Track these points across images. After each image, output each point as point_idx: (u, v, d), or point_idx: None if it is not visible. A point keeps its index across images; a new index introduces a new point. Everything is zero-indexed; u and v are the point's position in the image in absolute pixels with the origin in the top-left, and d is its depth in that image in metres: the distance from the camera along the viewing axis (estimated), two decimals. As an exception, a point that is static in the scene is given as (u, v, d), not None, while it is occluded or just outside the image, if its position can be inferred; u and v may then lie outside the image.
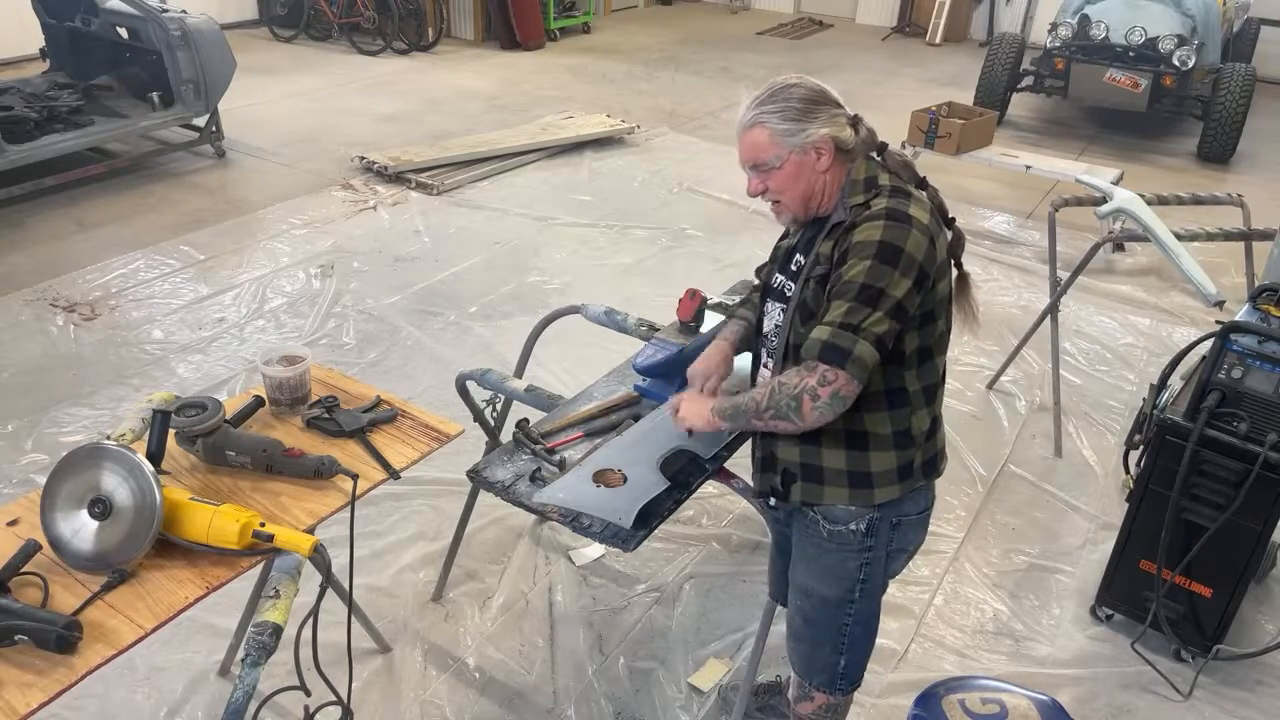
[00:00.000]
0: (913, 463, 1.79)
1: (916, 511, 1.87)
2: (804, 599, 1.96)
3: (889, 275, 1.58)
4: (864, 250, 1.60)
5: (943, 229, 1.70)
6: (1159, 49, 6.72)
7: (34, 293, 4.44)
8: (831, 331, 1.59)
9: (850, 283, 1.60)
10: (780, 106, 1.69)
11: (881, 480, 1.77)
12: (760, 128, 1.70)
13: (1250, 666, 2.70)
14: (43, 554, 1.62)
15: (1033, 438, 3.74)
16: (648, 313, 2.79)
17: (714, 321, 2.35)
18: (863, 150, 1.73)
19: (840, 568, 1.87)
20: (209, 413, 1.84)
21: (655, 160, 6.54)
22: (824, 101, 1.71)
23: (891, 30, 11.05)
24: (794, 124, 1.68)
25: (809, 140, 1.68)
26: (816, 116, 1.69)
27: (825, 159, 1.69)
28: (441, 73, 8.53)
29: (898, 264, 1.59)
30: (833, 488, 1.79)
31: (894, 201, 1.65)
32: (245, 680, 1.54)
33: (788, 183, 1.71)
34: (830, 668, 1.99)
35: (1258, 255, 4.10)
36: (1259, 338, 2.42)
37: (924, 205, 1.68)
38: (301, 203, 5.58)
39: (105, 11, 5.97)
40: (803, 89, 1.71)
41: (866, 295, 1.58)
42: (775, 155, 1.70)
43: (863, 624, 1.95)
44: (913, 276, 1.60)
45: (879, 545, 1.84)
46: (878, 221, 1.62)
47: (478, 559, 2.99)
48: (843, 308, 1.59)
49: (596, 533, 1.85)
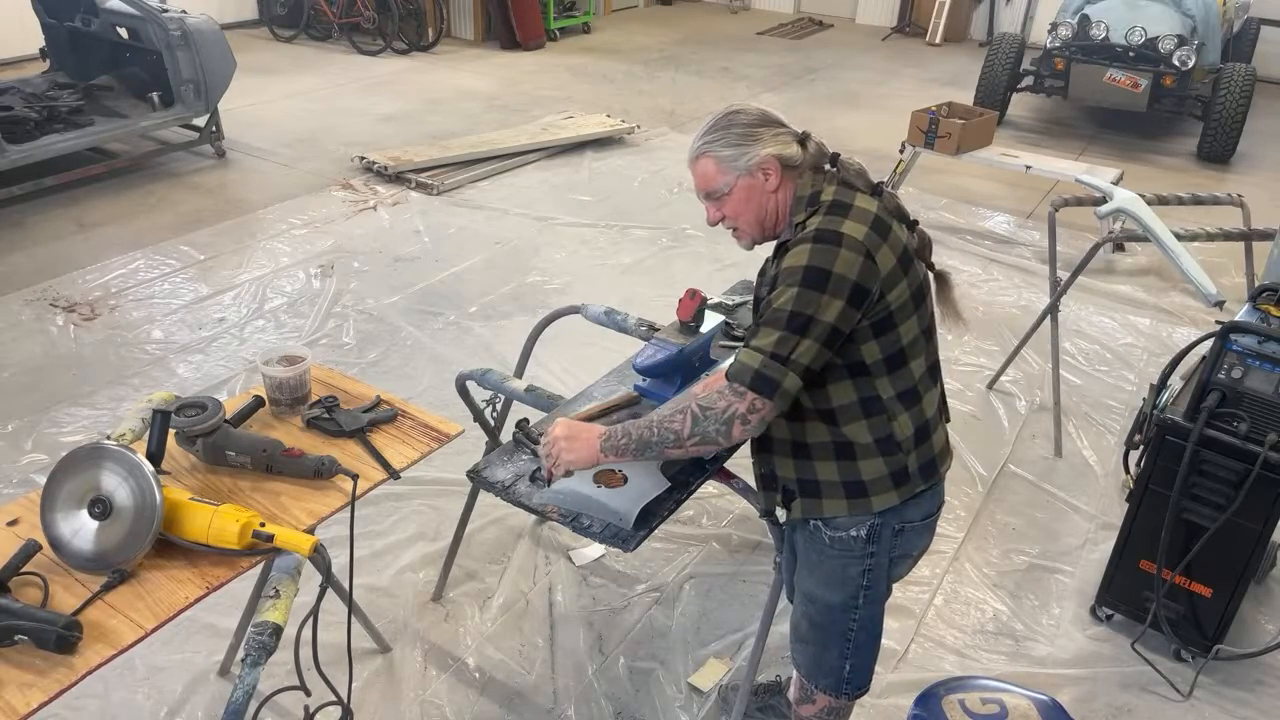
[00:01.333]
0: (906, 468, 1.78)
1: (920, 517, 1.86)
2: (809, 604, 1.97)
3: (816, 301, 1.59)
4: (791, 276, 1.61)
5: (887, 239, 1.66)
6: (1159, 49, 6.72)
7: (34, 293, 4.44)
8: (763, 361, 1.61)
9: (779, 310, 1.61)
10: (722, 134, 1.73)
11: (876, 488, 1.78)
12: (706, 158, 1.75)
13: (1250, 666, 2.70)
14: (43, 554, 1.62)
15: (1033, 438, 3.74)
16: (648, 313, 2.79)
17: (714, 321, 2.35)
18: (810, 165, 1.74)
19: (843, 574, 1.88)
20: (209, 413, 1.84)
21: (655, 160, 6.54)
22: (766, 123, 1.74)
23: (891, 30, 11.05)
24: (737, 149, 1.72)
25: (753, 162, 1.71)
26: (759, 138, 1.72)
27: (773, 178, 1.73)
28: (441, 73, 8.54)
29: (825, 287, 1.59)
30: (830, 500, 1.80)
31: (827, 220, 1.65)
32: (245, 680, 1.54)
33: (740, 207, 1.76)
34: (836, 671, 2.00)
35: (1258, 255, 4.11)
36: (1259, 338, 2.42)
37: (864, 217, 1.65)
38: (301, 203, 5.58)
39: (105, 11, 5.97)
40: (744, 115, 1.74)
41: (796, 323, 1.59)
42: (724, 182, 1.74)
43: (867, 629, 1.95)
44: (844, 296, 1.59)
45: (881, 551, 1.85)
46: (805, 245, 1.63)
47: (478, 559, 3.00)
48: (773, 336, 1.61)
49: (596, 533, 1.85)
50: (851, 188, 1.72)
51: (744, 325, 2.62)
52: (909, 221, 1.76)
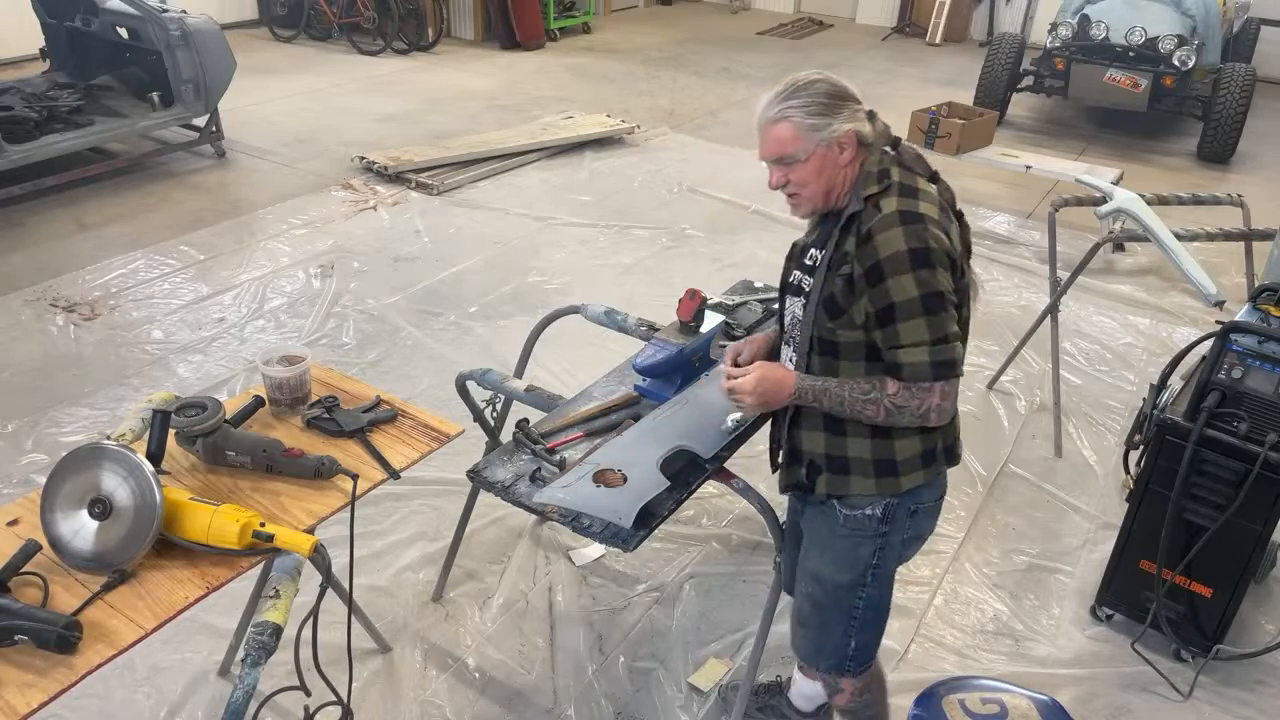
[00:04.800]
0: (935, 448, 1.83)
1: (933, 499, 1.90)
2: (814, 585, 1.98)
3: (932, 276, 1.64)
4: (899, 264, 1.64)
5: (952, 221, 1.75)
6: (1159, 49, 6.72)
7: (34, 293, 4.44)
8: (930, 351, 1.66)
9: (909, 301, 1.64)
10: (805, 101, 1.71)
11: (906, 467, 1.81)
12: (785, 122, 1.72)
13: (1250, 666, 2.70)
14: (43, 554, 1.62)
15: (1033, 438, 3.74)
16: (648, 313, 2.79)
17: (714, 321, 2.35)
18: (879, 144, 1.76)
19: (853, 554, 1.90)
20: (209, 413, 1.84)
21: (655, 160, 6.54)
22: (846, 97, 1.74)
23: (891, 30, 11.05)
24: (820, 119, 1.70)
25: (834, 135, 1.71)
26: (840, 111, 1.72)
27: (848, 153, 1.73)
28: (441, 73, 8.53)
29: (931, 262, 1.64)
30: (859, 477, 1.82)
31: (904, 201, 1.68)
32: (245, 680, 1.54)
33: (811, 176, 1.74)
34: (839, 650, 2.01)
35: (1258, 255, 4.10)
36: (1259, 338, 2.42)
37: (932, 200, 1.72)
38: (301, 203, 5.58)
39: (105, 11, 5.97)
40: (825, 84, 1.73)
41: (930, 304, 1.64)
42: (800, 149, 1.72)
43: (873, 607, 1.97)
44: (947, 265, 1.67)
45: (894, 531, 1.87)
46: (894, 230, 1.65)
47: (478, 559, 2.99)
48: (921, 324, 1.65)
49: (596, 533, 1.85)
50: (912, 171, 1.76)
51: (744, 325, 2.63)
52: (957, 213, 1.80)
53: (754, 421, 2.17)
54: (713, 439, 2.07)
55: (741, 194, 5.94)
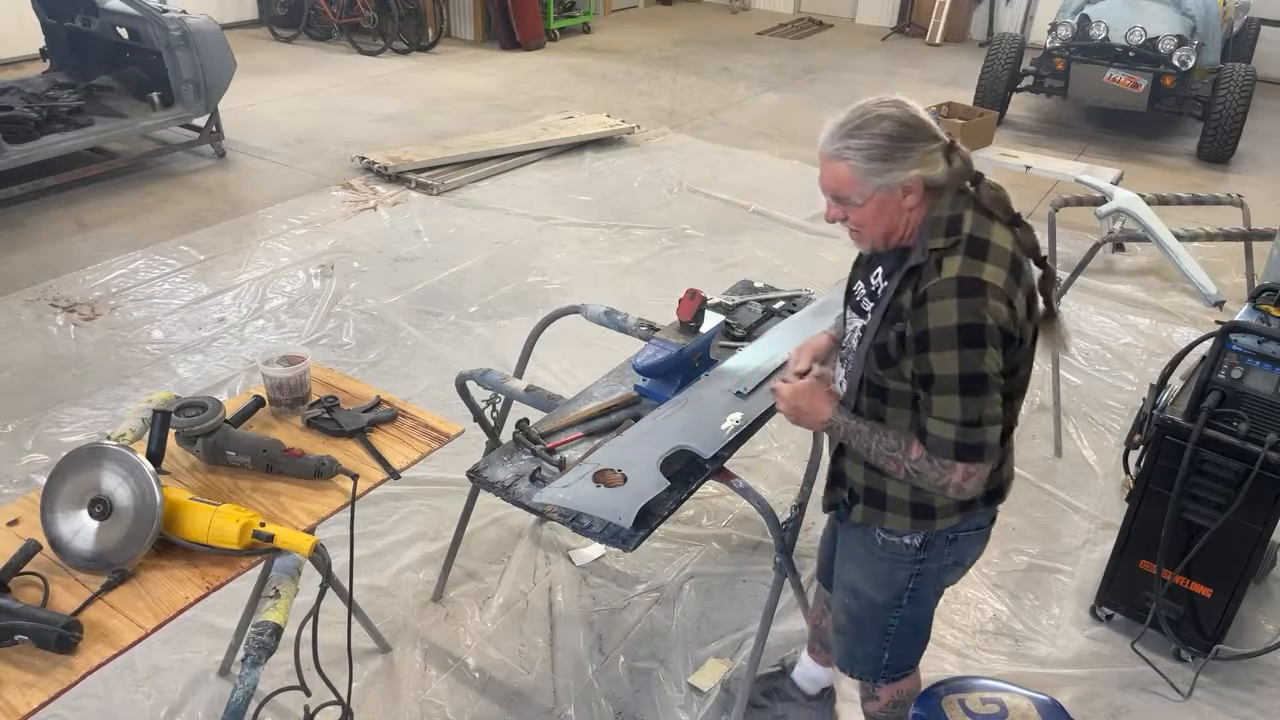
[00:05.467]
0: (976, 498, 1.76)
1: (975, 527, 1.84)
2: (851, 597, 1.97)
3: (979, 357, 1.53)
4: (946, 339, 1.53)
5: (1020, 283, 1.59)
6: (1159, 49, 6.72)
7: (34, 293, 4.44)
8: (958, 431, 1.57)
9: (948, 377, 1.55)
10: (868, 143, 1.56)
11: (944, 513, 1.77)
12: (843, 163, 1.58)
13: (1250, 666, 2.70)
14: (43, 554, 1.62)
15: (1033, 438, 3.74)
16: (648, 313, 2.79)
17: (714, 321, 2.36)
18: (953, 185, 1.61)
19: (890, 576, 1.87)
20: (209, 413, 1.84)
21: (655, 160, 6.54)
22: (918, 137, 1.57)
23: (891, 30, 11.05)
24: (880, 163, 1.56)
25: (896, 181, 1.56)
26: (907, 156, 1.56)
27: (912, 198, 1.59)
28: (441, 73, 8.53)
29: (983, 342, 1.53)
30: (894, 514, 1.79)
31: (968, 264, 1.54)
32: (245, 680, 1.54)
33: (868, 219, 1.62)
34: (873, 661, 2.01)
35: (1258, 255, 4.11)
36: (1259, 338, 2.42)
37: (1002, 258, 1.56)
38: (301, 203, 5.58)
39: (105, 11, 5.96)
40: (893, 122, 1.56)
41: (971, 385, 1.55)
42: (858, 193, 1.59)
43: (909, 625, 1.95)
44: (999, 343, 1.55)
45: (932, 559, 1.84)
46: (950, 301, 1.52)
47: (478, 559, 2.99)
48: (955, 404, 1.56)
49: (596, 533, 1.85)
50: (989, 214, 1.61)
51: (744, 325, 2.63)
52: (1040, 258, 1.66)
53: (754, 422, 2.17)
54: (713, 439, 2.07)
55: (741, 194, 5.94)
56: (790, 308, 2.73)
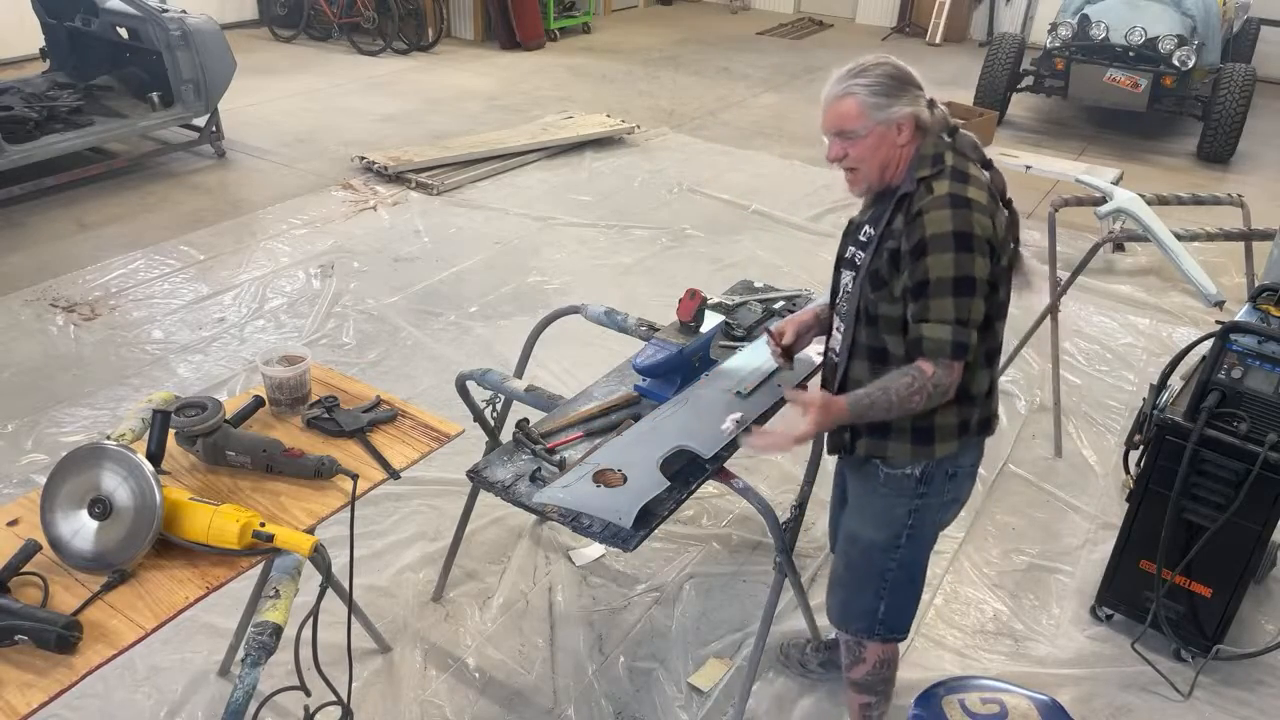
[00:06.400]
0: (972, 419, 1.90)
1: (970, 464, 1.98)
2: (850, 544, 2.05)
3: (970, 261, 1.72)
4: (942, 244, 1.71)
5: (1000, 208, 1.81)
6: (1159, 49, 6.72)
7: (34, 293, 4.44)
8: (953, 330, 1.74)
9: (944, 280, 1.72)
10: (871, 81, 1.78)
11: (943, 435, 1.88)
12: (851, 98, 1.79)
13: (1250, 666, 2.70)
14: (43, 554, 1.62)
15: (1033, 438, 3.74)
16: (648, 313, 2.79)
17: (714, 321, 2.36)
18: (936, 130, 1.83)
19: (889, 513, 1.96)
20: (209, 413, 1.84)
21: (655, 160, 6.54)
22: (909, 82, 1.81)
23: (891, 30, 11.05)
24: (883, 99, 1.77)
25: (894, 116, 1.78)
26: (903, 95, 1.79)
27: (905, 134, 1.80)
28: (441, 73, 8.53)
29: (973, 247, 1.72)
30: (896, 442, 1.90)
31: (954, 185, 1.75)
32: (245, 680, 1.54)
33: (868, 152, 1.81)
34: (869, 614, 2.06)
35: (1258, 255, 4.10)
36: (1259, 338, 2.42)
37: (981, 185, 1.78)
38: (301, 203, 5.58)
39: (105, 11, 5.97)
40: (891, 67, 1.80)
41: (963, 286, 1.72)
42: (862, 125, 1.79)
43: (906, 570, 2.02)
44: (986, 253, 1.74)
45: (932, 493, 1.94)
46: (943, 211, 1.72)
47: (478, 559, 2.99)
48: (949, 305, 1.73)
49: (596, 533, 1.85)
50: (966, 157, 1.82)
51: (744, 325, 2.63)
52: (1005, 199, 1.87)
53: (754, 422, 2.17)
54: (713, 439, 2.07)
55: (741, 194, 5.93)
56: (790, 308, 2.73)
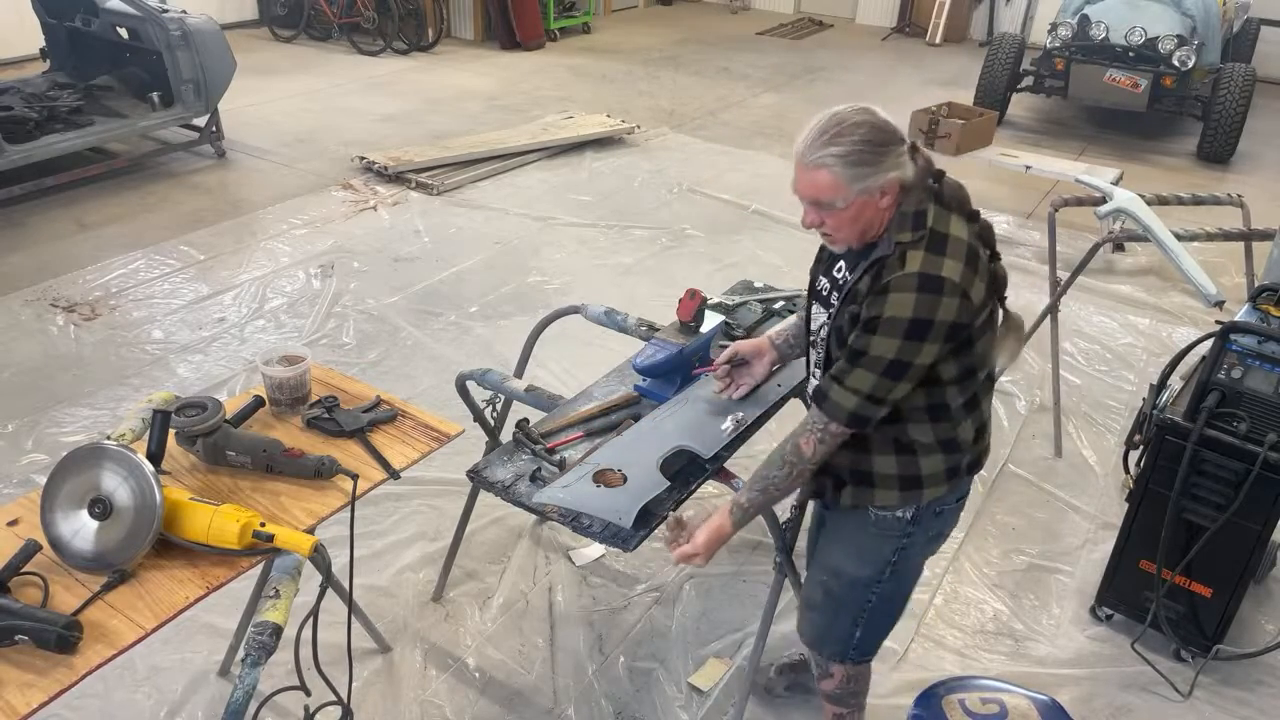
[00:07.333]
0: (960, 464, 1.85)
1: (955, 500, 1.93)
2: (830, 577, 2.01)
3: (916, 349, 1.62)
4: (894, 328, 1.61)
5: (977, 271, 1.66)
6: (1159, 49, 6.72)
7: (34, 293, 4.44)
8: (858, 403, 1.68)
9: (878, 359, 1.63)
10: (848, 149, 1.60)
11: (931, 481, 1.83)
12: (824, 171, 1.62)
13: (1250, 666, 2.70)
14: (43, 554, 1.62)
15: (1033, 438, 3.74)
16: (648, 313, 2.79)
17: (714, 321, 2.36)
18: (920, 182, 1.67)
19: (876, 551, 1.93)
20: (209, 413, 1.84)
21: (655, 160, 6.54)
22: (890, 141, 1.63)
23: (891, 30, 11.05)
24: (861, 169, 1.61)
25: (875, 185, 1.62)
26: (884, 159, 1.61)
27: (888, 199, 1.65)
28: (441, 73, 8.53)
29: (927, 336, 1.61)
30: (883, 490, 1.84)
31: (928, 261, 1.61)
32: (245, 680, 1.54)
33: (847, 222, 1.67)
34: (844, 640, 2.05)
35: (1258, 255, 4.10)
36: (1259, 338, 2.42)
37: (959, 250, 1.63)
38: (301, 203, 5.58)
39: (105, 11, 5.96)
40: (869, 129, 1.61)
41: (895, 371, 1.64)
42: (839, 198, 1.63)
43: (886, 603, 2.00)
44: (943, 338, 1.63)
45: (919, 531, 1.90)
46: (909, 295, 1.60)
47: (478, 559, 2.99)
48: (870, 380, 1.66)
49: (596, 533, 1.85)
50: (946, 208, 1.68)
51: (743, 325, 2.63)
52: (994, 253, 1.74)
53: (754, 422, 2.17)
54: (713, 439, 2.07)
55: (741, 194, 5.93)
56: (790, 308, 2.73)
